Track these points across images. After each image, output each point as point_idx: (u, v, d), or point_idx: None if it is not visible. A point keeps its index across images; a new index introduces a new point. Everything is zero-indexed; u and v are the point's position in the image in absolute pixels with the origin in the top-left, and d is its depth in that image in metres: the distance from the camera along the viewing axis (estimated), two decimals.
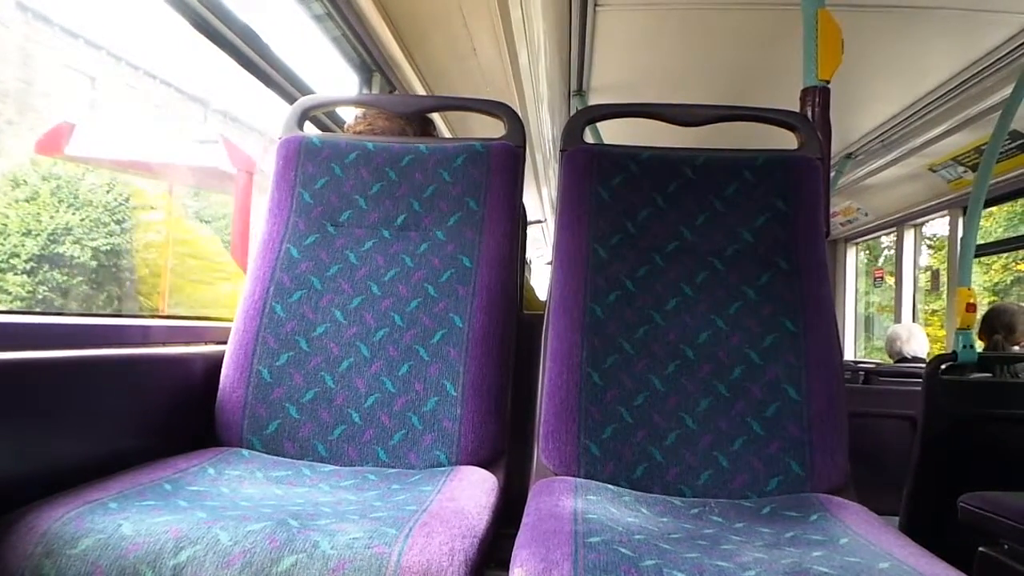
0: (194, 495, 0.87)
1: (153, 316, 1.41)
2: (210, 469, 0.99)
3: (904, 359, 3.54)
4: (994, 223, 6.08)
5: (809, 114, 1.35)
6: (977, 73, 2.64)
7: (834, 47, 1.33)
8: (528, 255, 7.07)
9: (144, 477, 0.90)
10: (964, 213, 3.44)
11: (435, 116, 3.07)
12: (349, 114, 1.63)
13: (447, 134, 3.49)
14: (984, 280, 7.51)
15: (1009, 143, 3.06)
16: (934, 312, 5.50)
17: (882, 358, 4.51)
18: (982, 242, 3.68)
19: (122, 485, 0.85)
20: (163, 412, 1.10)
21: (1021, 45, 2.38)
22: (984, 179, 2.40)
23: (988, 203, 3.12)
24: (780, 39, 2.42)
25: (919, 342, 3.61)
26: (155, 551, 0.70)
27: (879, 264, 5.91)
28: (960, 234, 3.52)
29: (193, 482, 0.92)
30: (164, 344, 1.19)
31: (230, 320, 1.24)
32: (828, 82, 1.34)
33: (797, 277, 1.18)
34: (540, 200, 5.56)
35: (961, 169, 3.52)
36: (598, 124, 2.64)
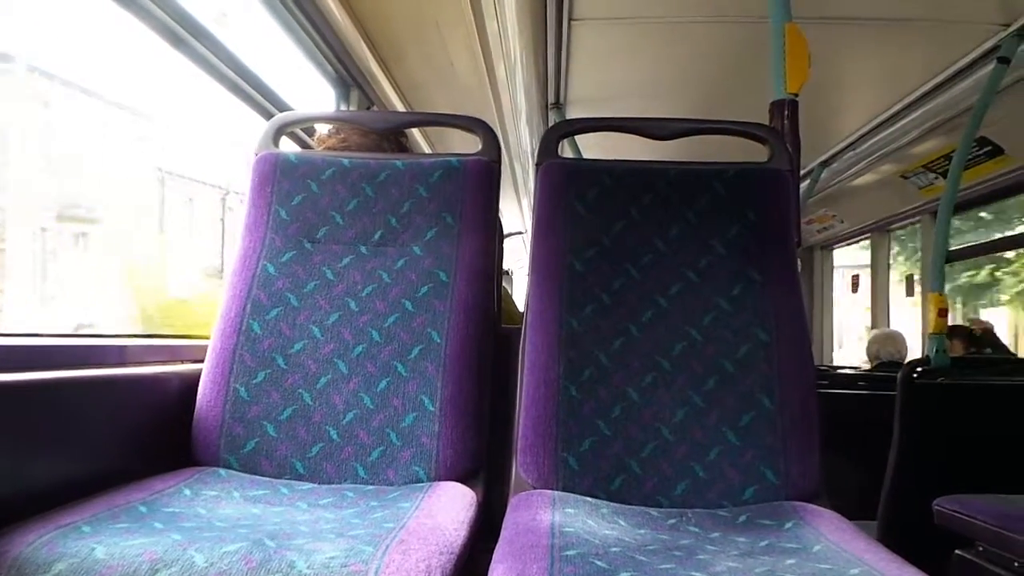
0: (170, 517, 0.86)
1: (129, 336, 1.39)
2: (186, 490, 0.98)
3: (883, 363, 3.59)
4: None
5: (779, 126, 1.37)
6: (945, 82, 2.69)
7: (802, 61, 1.35)
8: (509, 266, 7.10)
9: (119, 499, 0.89)
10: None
11: (413, 130, 3.08)
12: (323, 129, 1.63)
13: (426, 148, 3.50)
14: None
15: (978, 149, 3.11)
16: None
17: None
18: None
19: (96, 508, 0.85)
20: (139, 433, 1.09)
21: (986, 54, 2.43)
22: (953, 185, 2.44)
23: (958, 208, 3.17)
24: (752, 52, 2.45)
25: (898, 346, 3.66)
26: (129, 575, 0.70)
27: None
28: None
29: (169, 503, 0.92)
30: (140, 363, 1.18)
31: (207, 338, 1.23)
32: (797, 95, 1.36)
33: (768, 287, 1.20)
34: (520, 211, 5.57)
35: (932, 175, 3.58)
36: (577, 137, 2.66)
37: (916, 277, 4.28)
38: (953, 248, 2.62)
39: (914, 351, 3.81)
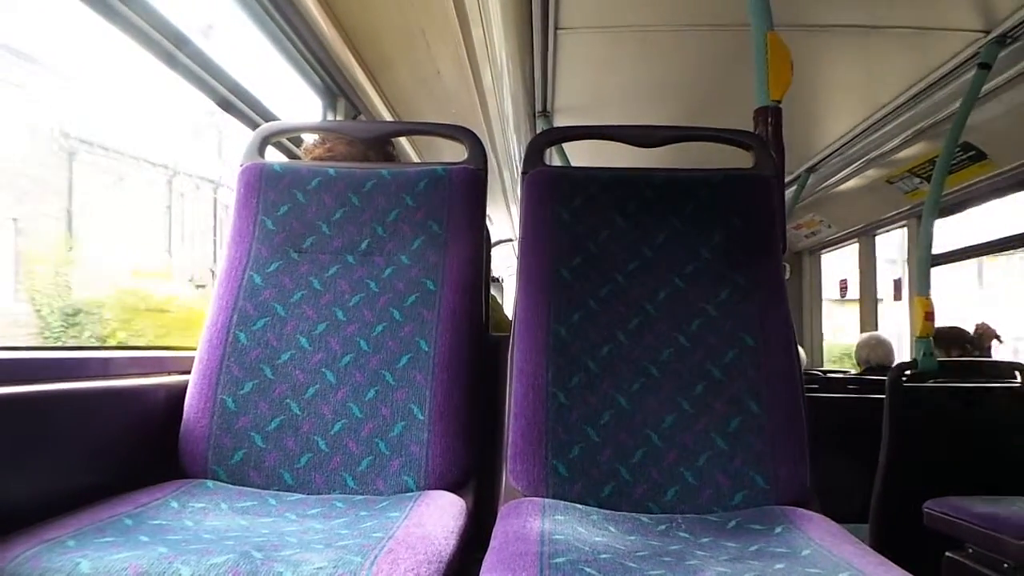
0: (156, 529, 0.86)
1: (115, 348, 1.38)
2: (173, 502, 0.97)
3: (871, 368, 3.61)
4: None
5: (763, 133, 1.38)
6: (928, 88, 2.72)
7: (784, 68, 1.37)
8: (500, 274, 7.10)
9: (104, 513, 0.88)
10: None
11: (402, 139, 3.08)
12: (310, 138, 1.63)
13: (414, 157, 3.50)
14: None
15: (962, 154, 3.14)
16: None
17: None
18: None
19: (81, 522, 0.84)
20: (125, 445, 1.08)
21: (968, 60, 2.45)
22: (937, 190, 2.47)
23: (942, 213, 3.20)
24: (736, 60, 2.47)
25: (886, 351, 3.68)
26: None
27: None
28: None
29: (155, 516, 0.91)
30: (125, 376, 1.17)
31: (193, 349, 1.22)
32: (779, 102, 1.38)
33: (755, 292, 1.21)
34: (510, 219, 5.57)
35: (917, 180, 3.61)
36: (565, 145, 2.66)
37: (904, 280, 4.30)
38: (938, 252, 2.65)
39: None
